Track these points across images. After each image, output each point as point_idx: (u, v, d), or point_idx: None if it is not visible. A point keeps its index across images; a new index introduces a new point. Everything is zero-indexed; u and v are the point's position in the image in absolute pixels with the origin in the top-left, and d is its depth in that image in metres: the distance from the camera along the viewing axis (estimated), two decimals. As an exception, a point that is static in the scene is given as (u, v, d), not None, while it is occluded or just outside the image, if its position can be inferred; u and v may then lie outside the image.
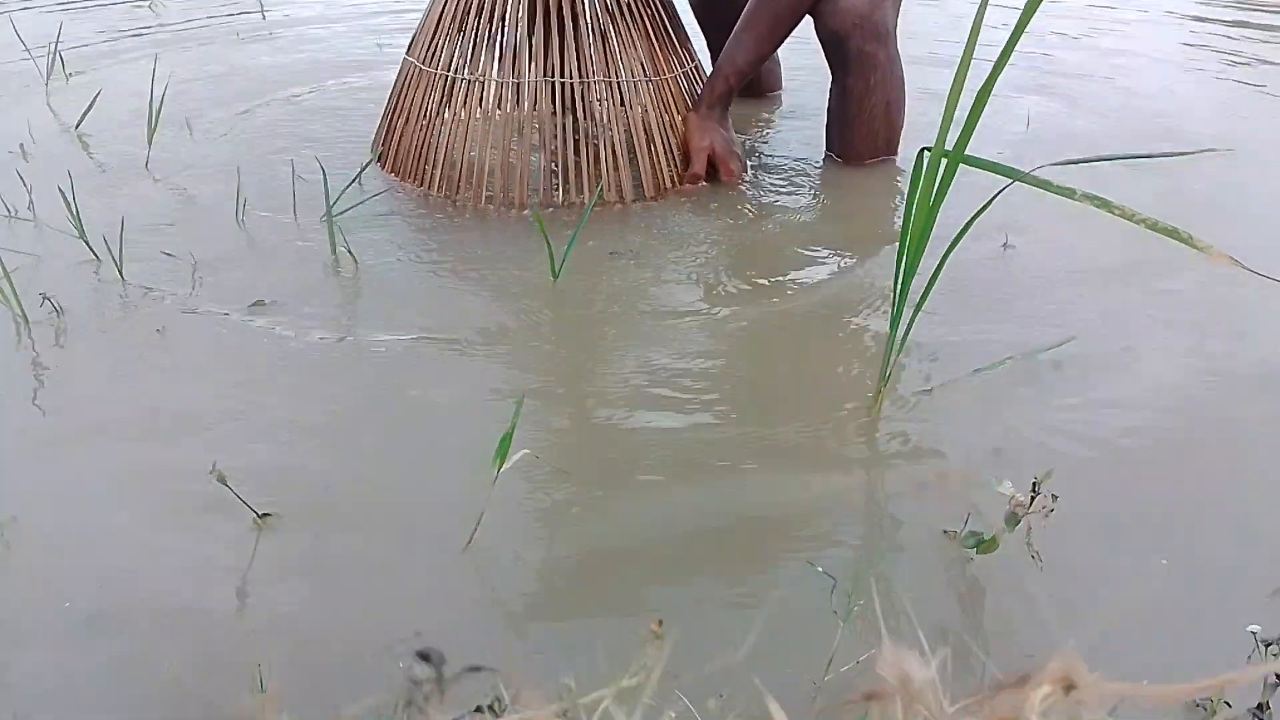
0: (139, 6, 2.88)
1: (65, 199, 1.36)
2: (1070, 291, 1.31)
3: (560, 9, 1.52)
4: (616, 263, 1.39)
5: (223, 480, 0.86)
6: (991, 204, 0.92)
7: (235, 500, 0.87)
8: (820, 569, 0.78)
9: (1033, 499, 0.79)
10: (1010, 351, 1.13)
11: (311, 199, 1.55)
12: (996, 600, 0.83)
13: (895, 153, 1.77)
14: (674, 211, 1.58)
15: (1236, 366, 1.16)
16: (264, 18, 2.83)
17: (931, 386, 1.08)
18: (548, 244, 1.28)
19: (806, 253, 1.45)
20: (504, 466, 0.87)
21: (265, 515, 0.89)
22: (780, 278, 1.37)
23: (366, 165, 1.61)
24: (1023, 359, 1.13)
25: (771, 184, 1.70)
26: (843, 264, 1.41)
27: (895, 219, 1.58)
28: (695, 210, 1.58)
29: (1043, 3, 0.83)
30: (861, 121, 1.73)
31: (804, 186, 1.70)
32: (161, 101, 1.76)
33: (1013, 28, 0.84)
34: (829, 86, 1.75)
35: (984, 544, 0.83)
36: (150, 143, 1.74)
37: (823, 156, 1.80)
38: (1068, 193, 0.84)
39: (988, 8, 0.88)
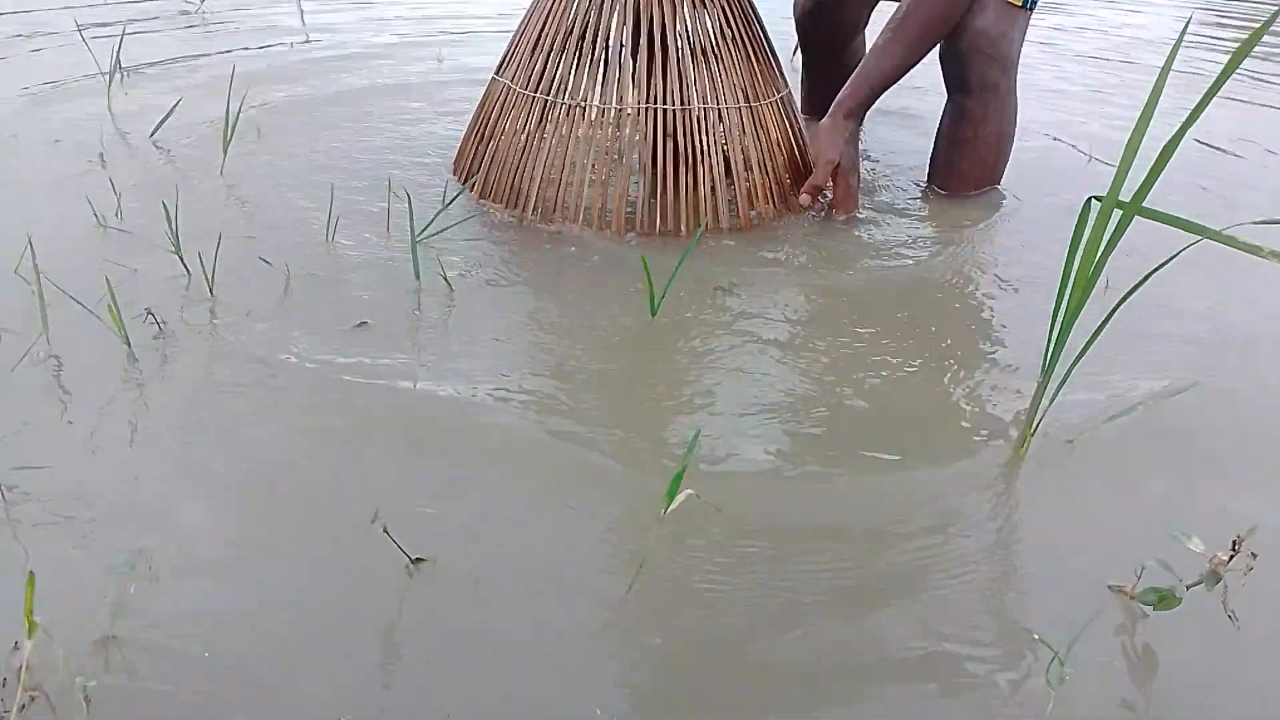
0: (191, 26, 2.85)
1: (166, 212, 1.34)
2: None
3: (663, 33, 1.51)
4: (720, 300, 1.36)
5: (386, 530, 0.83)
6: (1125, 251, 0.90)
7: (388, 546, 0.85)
8: (1037, 635, 0.77)
9: (1232, 557, 0.78)
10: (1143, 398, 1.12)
11: (397, 219, 1.54)
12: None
13: (998, 183, 1.80)
14: (774, 240, 1.56)
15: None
16: (307, 38, 2.81)
17: (1075, 436, 1.07)
18: (649, 283, 1.26)
19: (923, 291, 1.43)
20: (671, 507, 0.85)
21: (419, 560, 0.86)
22: (902, 314, 1.36)
23: (459, 195, 1.59)
24: (1153, 404, 1.13)
25: (873, 214, 1.70)
26: (962, 305, 1.40)
27: (1017, 257, 1.56)
28: (797, 238, 1.57)
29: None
30: (974, 148, 1.75)
31: (910, 219, 1.69)
32: (238, 115, 1.74)
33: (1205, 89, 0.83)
34: (943, 110, 1.77)
35: (1165, 600, 0.82)
36: (225, 153, 1.72)
37: (924, 186, 1.81)
38: (1254, 249, 0.83)
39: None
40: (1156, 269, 0.89)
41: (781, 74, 1.69)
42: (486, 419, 1.07)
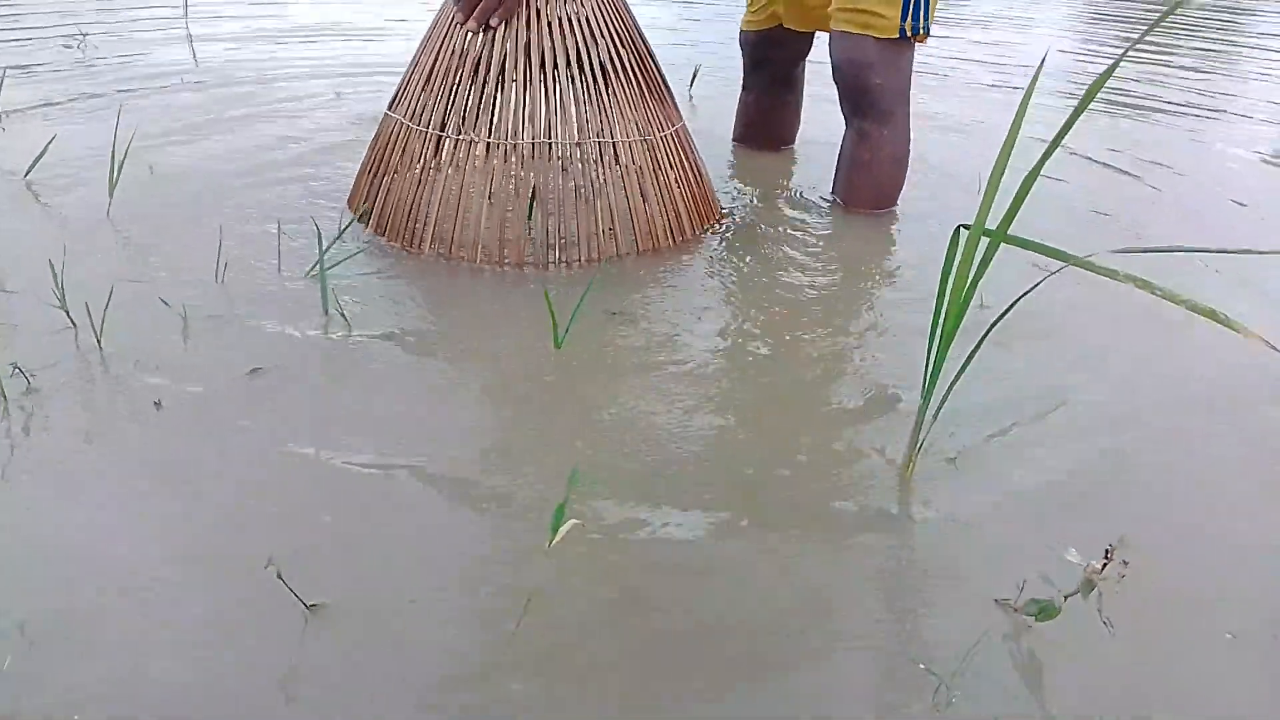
0: (74, 61, 2.77)
1: (51, 267, 1.30)
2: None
3: (555, 68, 1.53)
4: (619, 328, 1.38)
5: (279, 575, 0.82)
6: (975, 272, 0.94)
7: (281, 592, 0.83)
8: (923, 666, 0.79)
9: (1105, 565, 0.82)
10: (1020, 414, 1.17)
11: (288, 255, 1.52)
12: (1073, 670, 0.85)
13: (895, 204, 1.89)
14: (672, 267, 1.58)
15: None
16: (196, 63, 2.76)
17: (956, 453, 1.10)
18: (553, 317, 1.27)
19: (814, 313, 1.47)
20: (555, 539, 0.86)
21: (314, 605, 0.85)
22: (791, 335, 1.39)
23: (349, 225, 1.58)
24: (1030, 419, 1.18)
25: (776, 233, 1.75)
26: (850, 328, 1.43)
27: (905, 279, 1.62)
28: (694, 265, 1.60)
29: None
30: (871, 170, 1.84)
31: (809, 240, 1.74)
32: (125, 155, 1.70)
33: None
34: (843, 135, 1.86)
35: (1045, 611, 0.85)
36: (111, 195, 1.68)
37: (828, 204, 1.90)
38: (1111, 273, 0.87)
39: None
40: (1023, 295, 0.94)
41: (676, 107, 1.72)
42: (381, 460, 1.06)
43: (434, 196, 1.56)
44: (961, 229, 0.97)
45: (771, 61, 2.12)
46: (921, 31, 1.73)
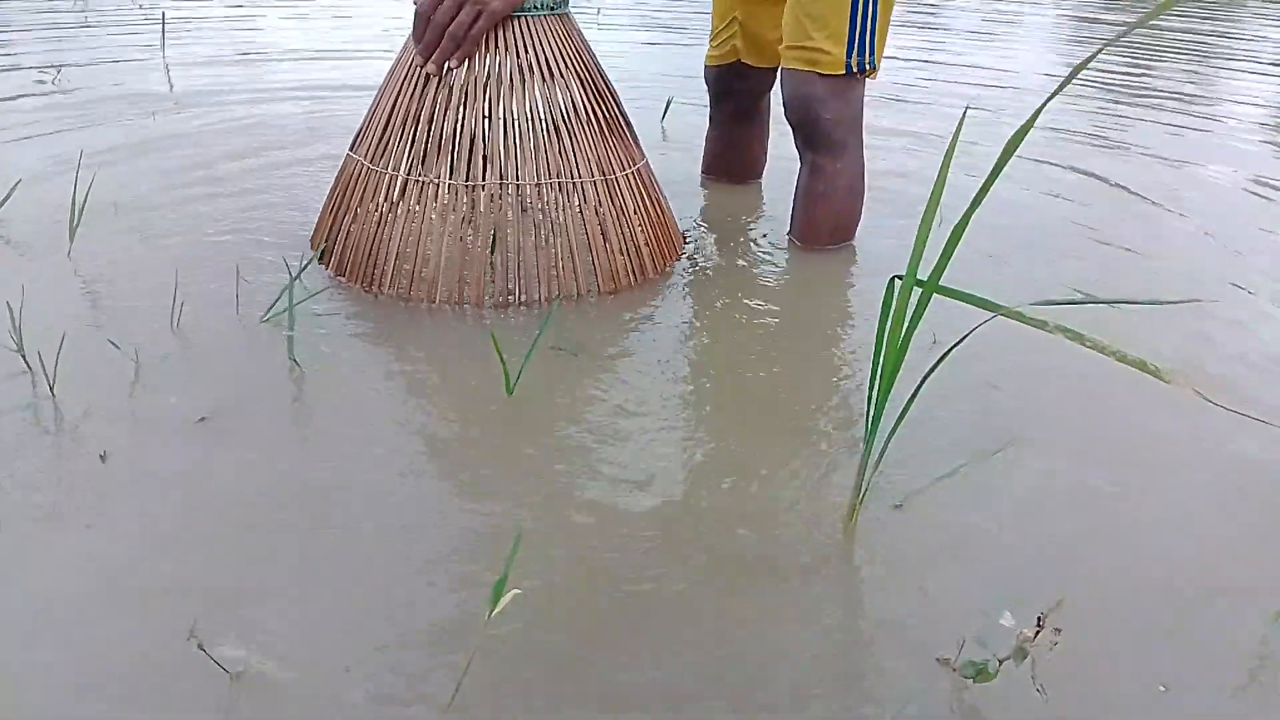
0: (47, 94, 2.78)
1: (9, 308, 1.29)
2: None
3: (514, 110, 1.52)
4: (570, 374, 1.37)
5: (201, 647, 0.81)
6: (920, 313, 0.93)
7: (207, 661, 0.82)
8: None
9: (1037, 633, 0.81)
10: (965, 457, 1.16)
11: (245, 296, 1.51)
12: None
13: (852, 237, 1.89)
14: (626, 309, 1.58)
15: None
16: (171, 90, 2.77)
17: (902, 501, 1.10)
18: (502, 363, 1.27)
19: (768, 354, 1.46)
20: (496, 610, 0.84)
21: (240, 673, 0.84)
22: (739, 380, 1.38)
23: (307, 264, 1.57)
24: (976, 463, 1.17)
25: (732, 273, 1.74)
26: (798, 370, 1.43)
27: (854, 321, 1.61)
28: (647, 308, 1.59)
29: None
30: (829, 201, 1.83)
31: (765, 279, 1.74)
32: (88, 194, 1.70)
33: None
34: (799, 170, 1.86)
35: (981, 673, 0.84)
36: (73, 234, 1.67)
37: (786, 243, 1.89)
38: (1040, 324, 0.87)
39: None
40: (954, 345, 0.93)
41: (637, 144, 1.72)
42: (322, 516, 1.05)
43: (393, 236, 1.55)
44: (895, 279, 0.97)
45: (734, 96, 2.12)
46: (869, 67, 1.74)
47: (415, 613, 0.93)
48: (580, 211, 1.58)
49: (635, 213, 1.65)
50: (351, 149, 1.65)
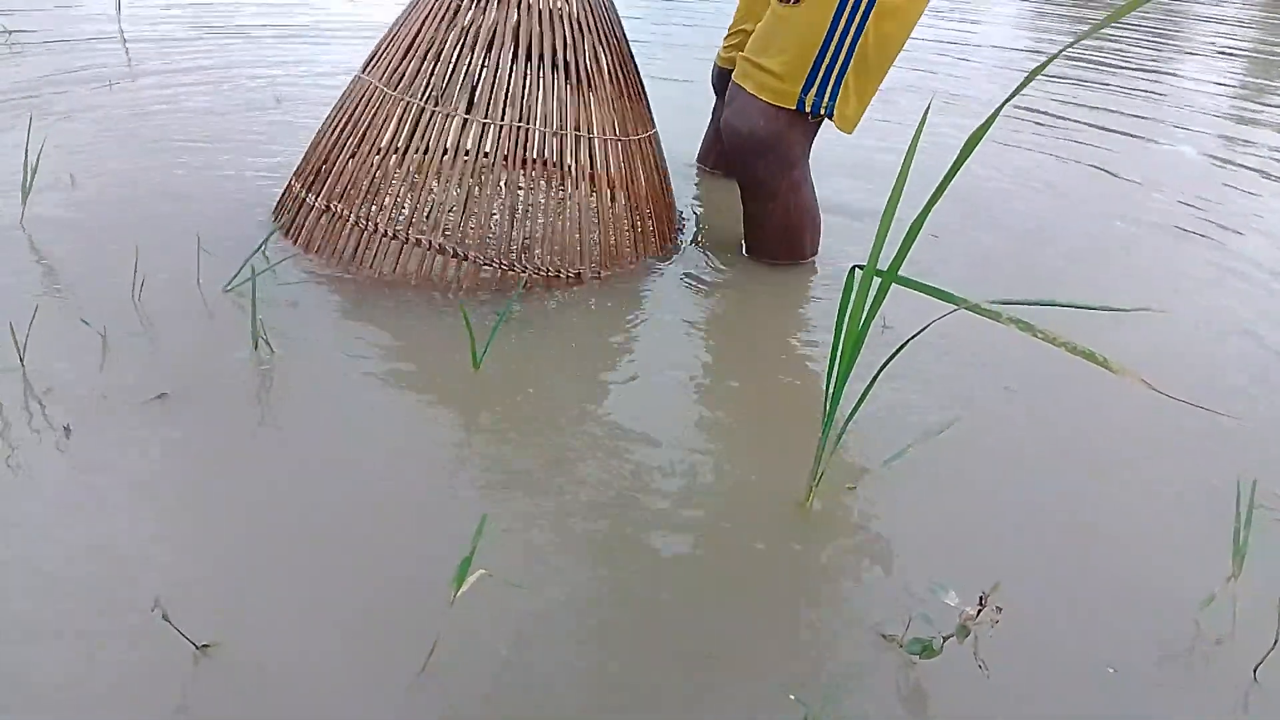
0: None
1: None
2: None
3: (541, 57, 1.51)
4: (542, 352, 1.38)
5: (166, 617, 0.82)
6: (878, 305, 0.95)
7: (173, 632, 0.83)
8: (794, 697, 0.81)
9: (979, 610, 0.84)
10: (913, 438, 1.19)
11: (207, 268, 1.50)
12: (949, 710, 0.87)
13: (804, 258, 1.76)
14: (604, 294, 1.58)
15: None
16: (129, 64, 2.70)
17: (854, 482, 1.13)
18: (470, 335, 1.27)
19: (734, 343, 1.49)
20: (460, 590, 0.86)
21: (205, 646, 0.85)
22: (705, 367, 1.41)
23: (269, 237, 1.56)
24: (921, 443, 1.20)
25: (708, 266, 1.74)
26: (758, 363, 1.45)
27: (809, 315, 1.62)
28: (618, 296, 1.60)
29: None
30: (765, 229, 1.72)
31: (738, 275, 1.73)
32: (38, 157, 1.67)
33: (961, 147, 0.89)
34: None
35: (926, 650, 0.88)
36: (25, 202, 1.64)
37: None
38: (994, 315, 0.90)
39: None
40: (910, 339, 0.96)
41: (650, 113, 1.71)
42: (281, 494, 1.05)
43: (400, 171, 1.51)
44: (856, 269, 0.99)
45: None
46: (823, 113, 1.54)
47: (381, 591, 0.94)
48: (591, 171, 1.56)
49: (646, 181, 1.65)
50: (364, 70, 1.60)
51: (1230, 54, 5.10)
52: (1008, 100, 0.89)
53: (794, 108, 1.54)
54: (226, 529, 1.00)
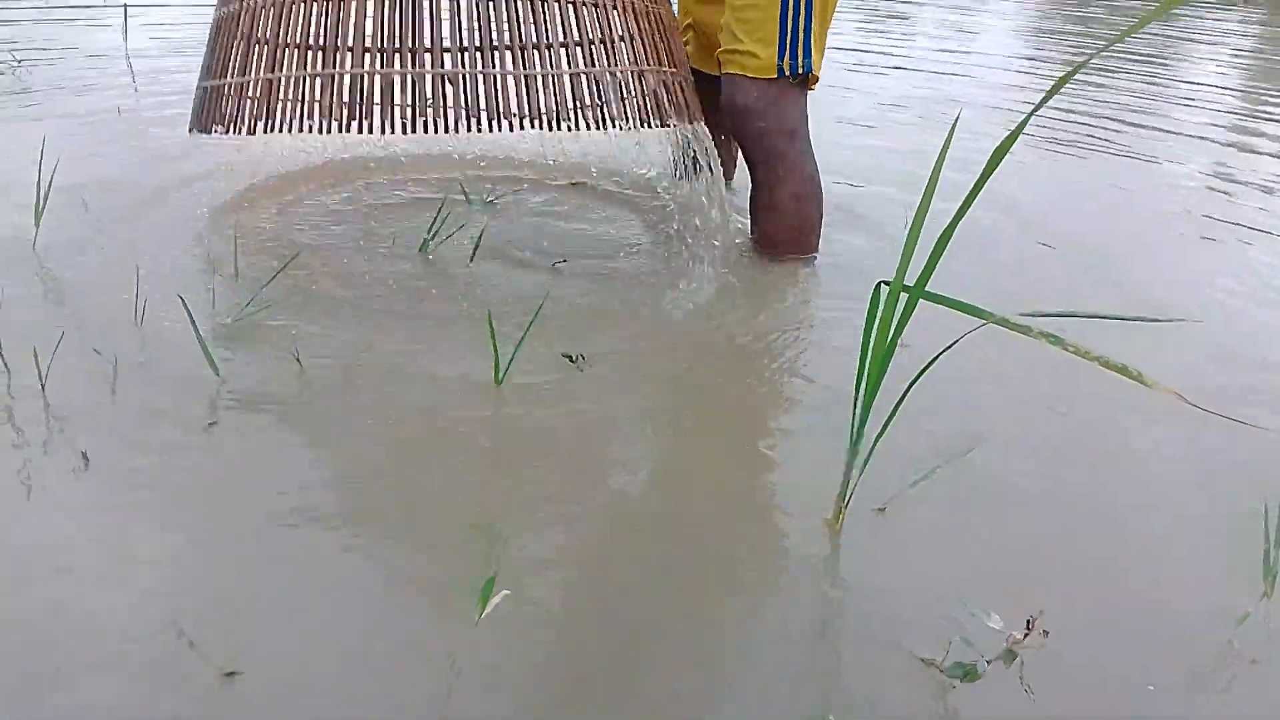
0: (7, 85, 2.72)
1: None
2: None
3: None
4: (564, 368, 1.36)
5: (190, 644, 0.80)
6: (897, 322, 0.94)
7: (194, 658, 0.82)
8: (831, 718, 0.79)
9: (1026, 634, 0.82)
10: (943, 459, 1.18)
11: (221, 289, 1.49)
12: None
13: (813, 249, 1.81)
14: (608, 295, 1.57)
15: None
16: (135, 89, 2.71)
17: (885, 505, 1.11)
18: (495, 350, 1.26)
19: (751, 358, 1.47)
20: (485, 611, 0.85)
21: (231, 674, 0.83)
22: (725, 385, 1.39)
23: (286, 264, 1.55)
24: (954, 465, 1.18)
25: (716, 278, 1.73)
26: (779, 378, 1.43)
27: (836, 327, 1.58)
28: (631, 301, 1.59)
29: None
30: (775, 212, 1.78)
31: (742, 284, 1.71)
32: (50, 180, 1.67)
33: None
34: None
35: (969, 674, 0.86)
36: (38, 225, 1.64)
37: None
38: (1025, 330, 0.89)
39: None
40: (942, 352, 0.95)
41: None
42: (304, 519, 1.04)
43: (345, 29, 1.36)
44: (882, 285, 0.98)
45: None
46: (802, 71, 1.69)
47: (401, 618, 0.92)
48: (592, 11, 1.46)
49: (660, 43, 1.56)
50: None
51: (1238, 58, 5.12)
52: (1036, 110, 0.89)
53: (775, 76, 1.69)
54: (246, 555, 0.99)
